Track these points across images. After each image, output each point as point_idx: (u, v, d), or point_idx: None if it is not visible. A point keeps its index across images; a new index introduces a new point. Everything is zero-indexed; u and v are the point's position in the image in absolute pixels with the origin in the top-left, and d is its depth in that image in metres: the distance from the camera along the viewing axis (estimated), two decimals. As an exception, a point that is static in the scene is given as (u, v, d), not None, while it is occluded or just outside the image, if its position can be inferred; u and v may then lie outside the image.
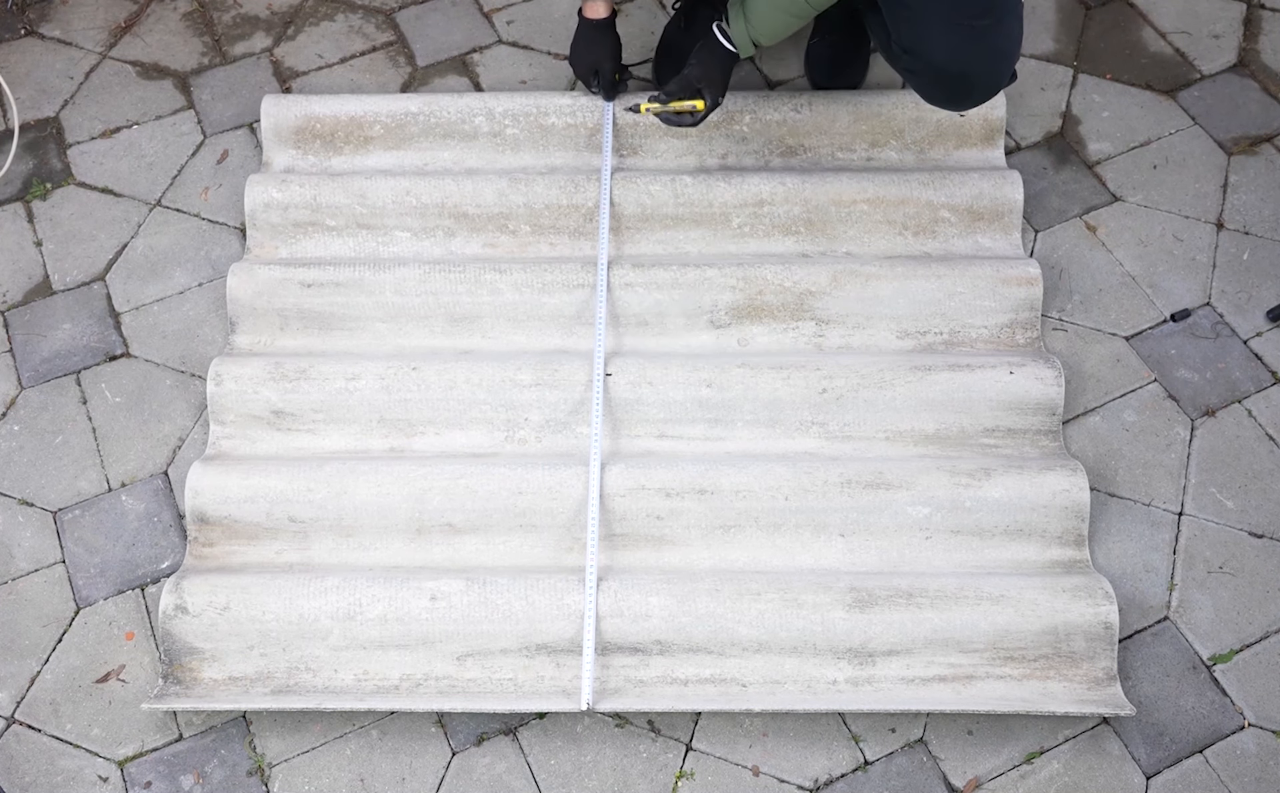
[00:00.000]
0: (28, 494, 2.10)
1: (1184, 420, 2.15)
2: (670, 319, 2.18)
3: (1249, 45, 2.62)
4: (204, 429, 2.14)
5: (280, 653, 1.89)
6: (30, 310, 2.30)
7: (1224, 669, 1.92)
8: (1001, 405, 2.07)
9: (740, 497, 1.98)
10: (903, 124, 2.36)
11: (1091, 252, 2.33)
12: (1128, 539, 2.03)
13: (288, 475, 2.01)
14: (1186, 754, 1.85)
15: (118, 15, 2.73)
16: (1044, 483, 1.98)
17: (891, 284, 2.17)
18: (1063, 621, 1.87)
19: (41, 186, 2.45)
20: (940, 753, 1.86)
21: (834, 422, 2.08)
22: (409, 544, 2.00)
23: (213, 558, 1.99)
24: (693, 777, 1.84)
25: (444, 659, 1.89)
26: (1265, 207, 2.39)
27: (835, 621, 1.88)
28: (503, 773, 1.85)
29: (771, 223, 2.26)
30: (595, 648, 1.88)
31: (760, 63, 2.59)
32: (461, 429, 2.09)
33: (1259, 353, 2.22)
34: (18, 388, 2.21)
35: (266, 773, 1.85)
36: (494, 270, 2.18)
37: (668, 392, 2.08)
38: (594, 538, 1.94)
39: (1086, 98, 2.54)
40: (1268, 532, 2.04)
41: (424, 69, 2.61)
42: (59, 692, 1.92)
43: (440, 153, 2.37)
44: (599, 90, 2.33)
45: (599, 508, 1.96)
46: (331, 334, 2.19)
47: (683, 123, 2.15)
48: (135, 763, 1.86)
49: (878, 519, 1.98)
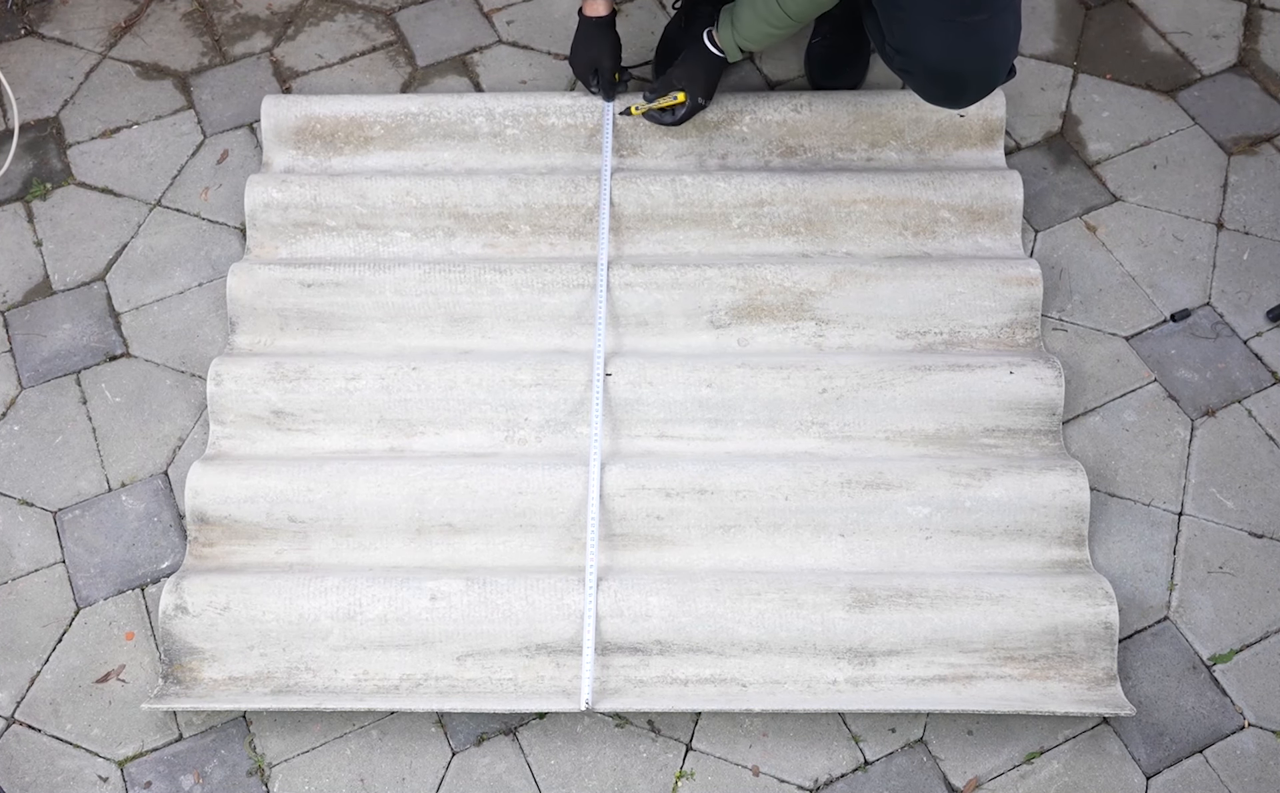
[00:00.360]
0: (28, 494, 2.10)
1: (1184, 420, 2.15)
2: (670, 319, 2.18)
3: (1249, 45, 2.62)
4: (204, 429, 2.14)
5: (280, 653, 1.89)
6: (30, 310, 2.30)
7: (1224, 669, 1.92)
8: (1001, 405, 2.07)
9: (740, 497, 1.98)
10: (903, 124, 2.36)
11: (1091, 252, 2.33)
12: (1128, 539, 2.03)
13: (288, 475, 2.01)
14: (1186, 754, 1.85)
15: (118, 15, 2.73)
16: (1044, 483, 1.98)
17: (891, 284, 2.17)
18: (1063, 621, 1.87)
19: (41, 186, 2.45)
20: (940, 753, 1.86)
21: (834, 422, 2.08)
22: (409, 544, 2.00)
23: (213, 558, 1.99)
24: (693, 777, 1.84)
25: (444, 659, 1.89)
26: (1265, 207, 2.39)
27: (835, 621, 1.88)
28: (503, 773, 1.85)
29: (771, 223, 2.26)
30: (595, 648, 1.88)
31: (760, 63, 2.59)
32: (461, 429, 2.09)
33: (1259, 353, 2.22)
34: (18, 388, 2.21)
35: (266, 773, 1.85)
36: (494, 270, 2.18)
37: (668, 392, 2.08)
38: (594, 538, 1.94)
39: (1086, 98, 2.54)
40: (1268, 532, 2.04)
41: (424, 69, 2.61)
42: (59, 692, 1.92)
43: (440, 153, 2.37)
44: (598, 89, 2.33)
45: (599, 508, 1.96)
46: (331, 334, 2.19)
47: (664, 120, 2.23)
48: (135, 763, 1.86)
49: (878, 519, 1.98)
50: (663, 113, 2.25)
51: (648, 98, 2.25)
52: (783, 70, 2.58)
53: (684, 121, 2.26)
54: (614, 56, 2.31)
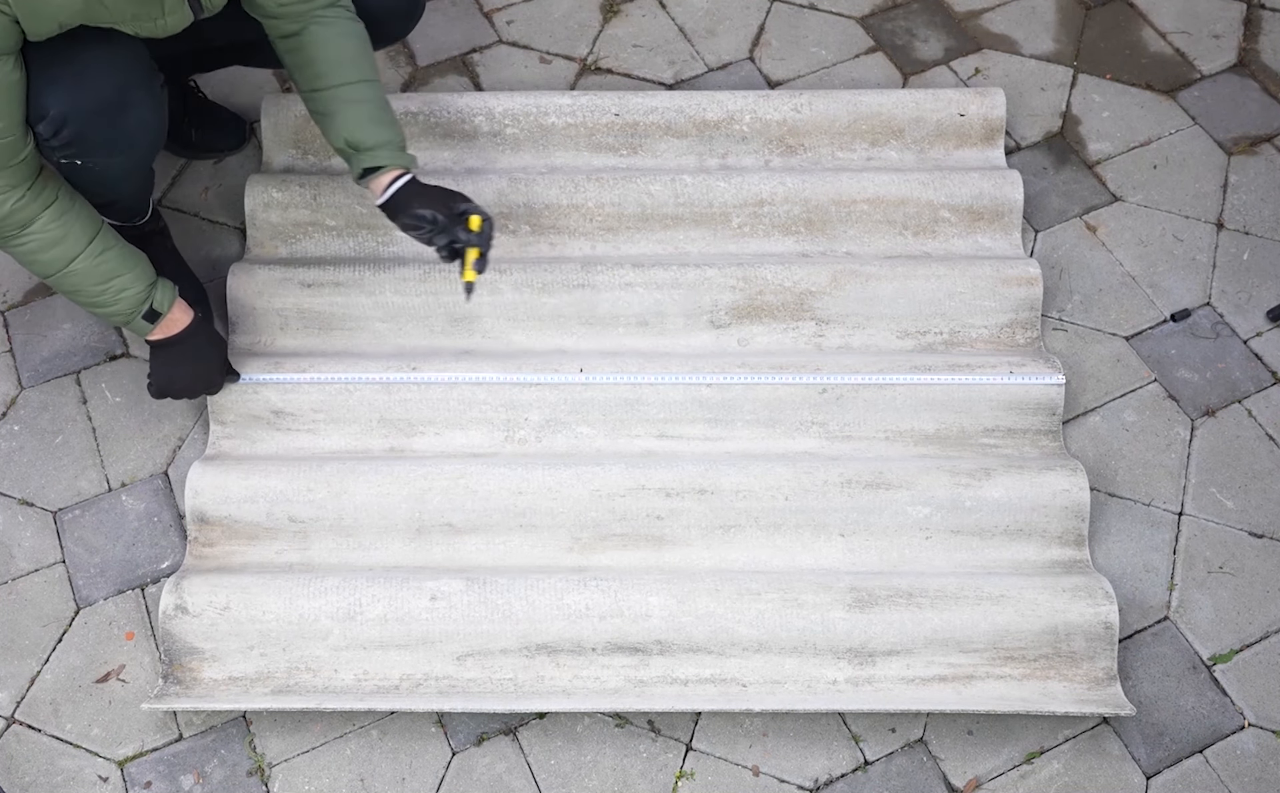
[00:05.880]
0: (28, 494, 2.10)
1: (1184, 420, 2.15)
2: (670, 319, 2.18)
3: (1249, 45, 2.62)
4: (204, 429, 2.14)
5: (280, 653, 1.89)
6: (30, 310, 2.30)
7: (1224, 669, 1.92)
8: (1001, 405, 2.07)
9: (740, 497, 1.98)
10: (903, 124, 2.36)
11: (1091, 252, 2.33)
12: (1128, 539, 2.03)
13: (288, 475, 2.01)
14: (1186, 754, 1.85)
15: (118, 15, 2.73)
16: (1044, 483, 1.98)
17: (891, 284, 2.17)
18: (1063, 620, 1.87)
19: (41, 186, 2.45)
20: (940, 753, 1.86)
21: (834, 422, 2.08)
22: (409, 544, 2.00)
23: (213, 558, 1.99)
24: (693, 777, 1.84)
25: (444, 659, 1.89)
26: (1265, 206, 2.39)
27: (835, 620, 1.88)
28: (503, 773, 1.85)
29: (771, 223, 2.26)
30: (595, 648, 1.88)
31: (760, 63, 2.59)
32: (461, 429, 2.09)
33: (1259, 353, 2.22)
34: (18, 388, 2.21)
35: (266, 773, 1.85)
36: (494, 270, 2.18)
37: (668, 392, 2.08)
38: (593, 538, 1.94)
39: (1086, 98, 2.54)
40: (1268, 532, 2.04)
41: (424, 69, 2.61)
42: (59, 692, 1.92)
43: (440, 152, 2.37)
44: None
45: (599, 508, 1.96)
46: (331, 334, 2.19)
47: (488, 237, 1.91)
48: (135, 763, 1.86)
49: (878, 519, 1.98)
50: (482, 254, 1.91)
51: (458, 250, 1.90)
52: (782, 70, 2.58)
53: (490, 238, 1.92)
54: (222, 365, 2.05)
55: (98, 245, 1.85)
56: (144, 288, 1.90)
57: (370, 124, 1.92)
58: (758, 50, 2.62)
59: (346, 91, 1.92)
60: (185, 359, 1.99)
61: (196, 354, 2.00)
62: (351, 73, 1.92)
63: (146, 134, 1.87)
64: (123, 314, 1.91)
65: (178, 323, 1.96)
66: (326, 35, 1.91)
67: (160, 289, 1.93)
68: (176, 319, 1.96)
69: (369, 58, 1.96)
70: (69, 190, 1.84)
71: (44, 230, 1.80)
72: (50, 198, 1.80)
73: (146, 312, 1.92)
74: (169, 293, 1.94)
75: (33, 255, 1.83)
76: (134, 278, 1.89)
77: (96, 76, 1.76)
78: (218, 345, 2.04)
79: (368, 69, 1.94)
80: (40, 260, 1.83)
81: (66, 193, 1.83)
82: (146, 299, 1.91)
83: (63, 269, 1.84)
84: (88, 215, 1.86)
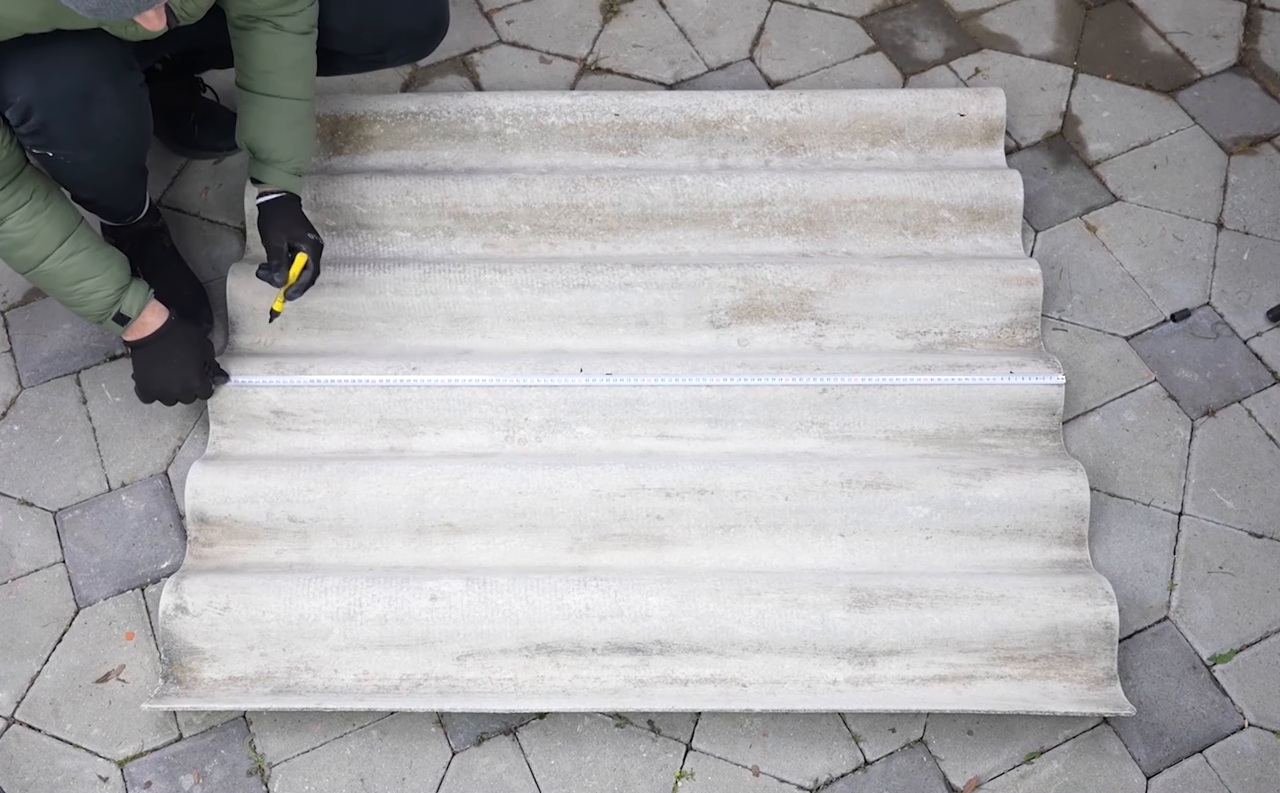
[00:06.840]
0: (28, 494, 2.10)
1: (1184, 420, 2.15)
2: (670, 319, 2.18)
3: (1249, 45, 2.62)
4: (204, 429, 2.14)
5: (280, 653, 1.89)
6: (30, 310, 2.30)
7: (1224, 669, 1.92)
8: (1001, 405, 2.08)
9: (740, 497, 1.98)
10: (903, 124, 2.36)
11: (1091, 252, 2.33)
12: (1128, 539, 2.03)
13: (288, 475, 2.01)
14: (1186, 754, 1.85)
15: (117, 15, 2.72)
16: (1044, 483, 1.98)
17: (891, 284, 2.17)
18: (1063, 620, 1.87)
19: (41, 186, 2.45)
20: (940, 753, 1.86)
21: (834, 422, 2.08)
22: (409, 544, 2.00)
23: (213, 558, 1.99)
24: (693, 777, 1.84)
25: (444, 659, 1.89)
26: (1265, 206, 2.39)
27: (835, 621, 1.88)
28: (503, 773, 1.85)
29: (771, 223, 2.26)
30: (595, 648, 1.88)
31: (760, 63, 2.59)
32: (461, 429, 2.09)
33: (1259, 353, 2.22)
34: (18, 388, 2.21)
35: (266, 773, 1.85)
36: (494, 270, 2.18)
37: (668, 392, 2.08)
38: (594, 538, 1.94)
39: (1086, 98, 2.54)
40: (1268, 532, 2.04)
41: (424, 68, 2.61)
42: (59, 692, 1.92)
43: (440, 152, 2.37)
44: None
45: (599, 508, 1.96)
46: (331, 334, 2.19)
47: (304, 285, 2.00)
48: (135, 763, 1.86)
49: (878, 519, 1.98)
50: (300, 278, 1.98)
51: (277, 282, 1.97)
52: (782, 70, 2.58)
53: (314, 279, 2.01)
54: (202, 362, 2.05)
55: (68, 247, 1.87)
56: (113, 291, 1.92)
57: (274, 137, 1.98)
58: (758, 50, 2.62)
59: (266, 100, 1.97)
60: (159, 360, 2.01)
61: (168, 355, 2.01)
62: (277, 85, 1.96)
63: (114, 129, 1.87)
64: (94, 315, 1.94)
65: (149, 325, 1.98)
66: (268, 44, 1.94)
67: (131, 293, 1.95)
68: (148, 322, 1.98)
69: (303, 76, 1.99)
70: (46, 192, 1.86)
71: (14, 230, 1.83)
72: (24, 198, 1.82)
73: (116, 314, 1.94)
74: (140, 297, 1.96)
75: (3, 253, 1.87)
76: (103, 281, 1.91)
77: (63, 67, 1.77)
78: (194, 346, 2.04)
79: (297, 87, 1.98)
80: (12, 258, 1.87)
81: (42, 195, 1.85)
82: (115, 303, 1.93)
83: (33, 268, 1.88)
84: (61, 218, 1.87)
